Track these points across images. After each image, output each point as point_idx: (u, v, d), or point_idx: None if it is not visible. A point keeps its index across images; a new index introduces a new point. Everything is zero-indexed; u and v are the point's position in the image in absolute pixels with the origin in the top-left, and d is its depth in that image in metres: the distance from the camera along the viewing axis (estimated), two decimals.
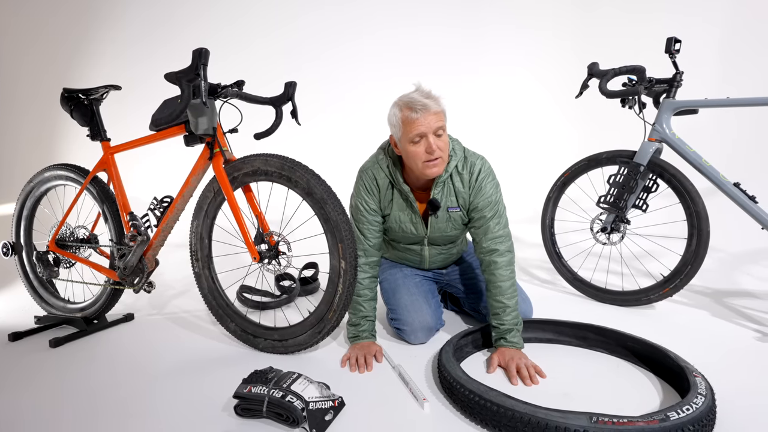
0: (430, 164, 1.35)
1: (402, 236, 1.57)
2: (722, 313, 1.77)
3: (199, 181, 1.54)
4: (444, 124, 1.36)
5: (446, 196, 1.46)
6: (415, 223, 1.52)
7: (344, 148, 3.56)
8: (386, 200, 1.50)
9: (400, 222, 1.52)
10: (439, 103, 1.36)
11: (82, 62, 3.87)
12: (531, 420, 0.94)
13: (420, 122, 1.31)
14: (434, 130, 1.33)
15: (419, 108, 1.31)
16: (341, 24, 3.69)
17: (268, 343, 1.48)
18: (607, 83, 1.80)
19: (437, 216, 1.48)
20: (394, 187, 1.49)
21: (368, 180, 1.50)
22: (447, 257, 1.69)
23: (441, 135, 1.35)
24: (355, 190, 1.53)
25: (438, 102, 1.36)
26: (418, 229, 1.53)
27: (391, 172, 1.47)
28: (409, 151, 1.36)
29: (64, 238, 1.79)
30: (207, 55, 1.28)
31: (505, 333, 1.37)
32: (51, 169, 1.79)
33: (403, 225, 1.52)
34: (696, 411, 0.94)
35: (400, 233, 1.55)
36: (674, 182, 1.75)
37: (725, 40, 3.01)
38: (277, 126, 1.50)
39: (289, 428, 1.05)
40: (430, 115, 1.32)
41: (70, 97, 1.67)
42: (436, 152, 1.33)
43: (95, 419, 1.12)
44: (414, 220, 1.51)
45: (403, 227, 1.52)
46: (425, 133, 1.32)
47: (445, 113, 1.38)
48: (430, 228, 1.52)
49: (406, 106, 1.34)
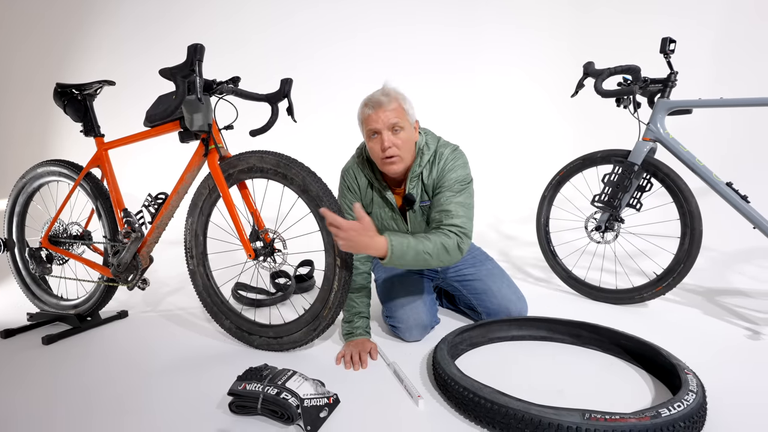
0: (387, 161, 1.37)
1: (384, 229, 1.58)
2: (714, 312, 1.78)
3: (194, 177, 1.54)
4: (402, 121, 1.35)
5: (421, 192, 1.47)
6: (395, 219, 1.53)
7: (339, 146, 3.56)
8: (367, 199, 1.53)
9: (382, 219, 1.54)
10: (398, 100, 1.36)
11: (76, 57, 3.83)
12: (524, 417, 0.95)
13: (372, 118, 1.34)
14: (389, 127, 1.34)
15: (374, 104, 1.34)
16: (336, 22, 3.69)
17: (263, 341, 1.47)
18: (603, 83, 1.81)
19: (414, 210, 1.50)
20: (372, 187, 1.52)
21: (350, 179, 1.54)
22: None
23: (399, 131, 1.35)
24: (339, 192, 1.57)
25: (398, 99, 1.36)
26: (399, 225, 1.54)
27: (366, 170, 1.49)
28: (369, 147, 1.41)
29: (57, 235, 1.77)
30: (202, 50, 1.28)
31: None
32: (44, 165, 1.77)
33: (385, 222, 1.54)
34: (687, 408, 0.95)
35: (382, 227, 1.56)
36: (668, 181, 1.76)
37: (719, 42, 3.03)
38: (273, 123, 1.49)
39: (283, 425, 1.05)
40: (384, 111, 1.33)
41: (64, 92, 1.66)
42: (390, 150, 1.34)
43: (89, 417, 1.11)
44: (394, 217, 1.53)
45: (385, 224, 1.55)
46: (379, 130, 1.35)
47: (406, 110, 1.37)
48: (410, 223, 1.53)
49: (364, 104, 1.38)
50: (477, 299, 1.64)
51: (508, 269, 2.46)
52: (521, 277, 2.34)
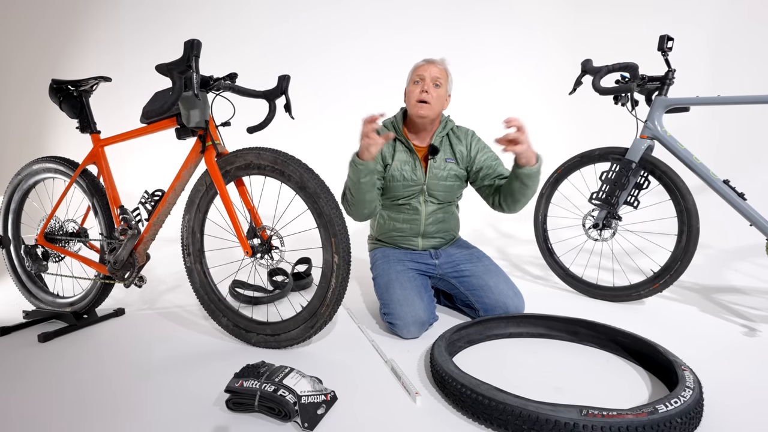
0: (420, 105, 1.60)
1: (402, 184, 1.68)
2: (710, 309, 1.79)
3: (190, 174, 1.53)
4: (443, 80, 1.64)
5: (444, 147, 1.71)
6: (414, 170, 1.68)
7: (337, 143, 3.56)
8: (389, 153, 1.69)
9: (402, 170, 1.68)
10: (446, 68, 1.67)
11: (73, 55, 3.81)
12: (522, 413, 0.95)
13: (423, 67, 1.64)
14: (432, 79, 1.61)
15: (428, 60, 1.66)
16: (334, 25, 3.69)
17: (261, 338, 1.47)
18: (601, 80, 1.81)
19: (436, 160, 1.68)
20: (396, 140, 1.71)
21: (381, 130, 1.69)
22: (442, 224, 1.76)
23: (439, 87, 1.62)
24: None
25: (446, 67, 1.67)
26: (417, 174, 1.68)
27: (395, 126, 1.71)
28: (408, 90, 1.67)
29: (53, 232, 1.76)
30: (199, 46, 1.27)
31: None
32: (39, 161, 1.76)
33: (404, 172, 1.68)
34: (684, 404, 0.96)
35: (401, 180, 1.68)
36: (665, 179, 1.76)
37: (716, 40, 3.04)
38: (270, 120, 1.48)
39: (281, 422, 1.05)
40: (434, 66, 1.63)
41: (59, 89, 1.64)
42: (426, 95, 1.59)
43: (86, 414, 1.11)
44: (414, 167, 1.68)
45: (404, 174, 1.68)
46: (424, 77, 1.62)
47: (448, 76, 1.67)
48: (429, 173, 1.68)
49: (420, 59, 1.68)
50: (474, 295, 1.64)
51: (506, 267, 2.47)
52: (519, 274, 2.34)
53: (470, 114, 3.57)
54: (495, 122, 3.81)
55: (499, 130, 1.84)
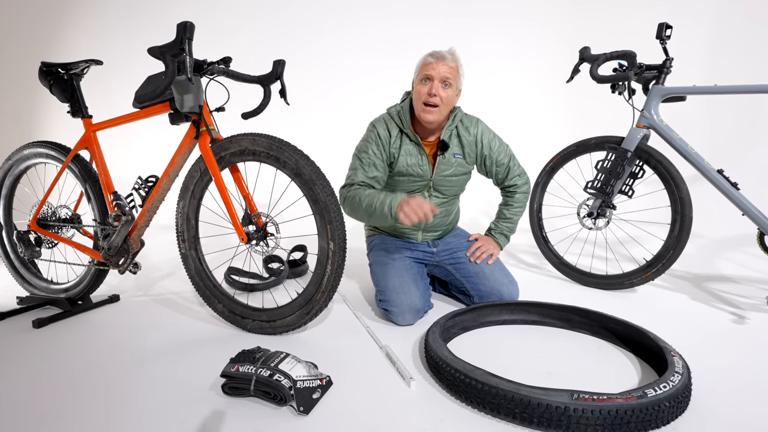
0: (427, 108, 1.51)
1: (407, 179, 1.63)
2: (701, 297, 1.82)
3: (185, 160, 1.51)
4: (453, 80, 1.51)
5: (452, 140, 1.63)
6: (421, 165, 1.61)
7: (334, 130, 3.53)
8: (395, 146, 1.61)
9: (408, 165, 1.61)
10: (458, 63, 1.53)
11: (63, 38, 3.73)
12: (514, 397, 0.96)
13: (432, 66, 1.50)
14: (441, 78, 1.49)
15: (437, 56, 1.51)
16: (328, 12, 3.64)
17: (256, 324, 1.48)
18: (598, 68, 1.80)
19: (445, 156, 1.61)
20: (403, 133, 1.61)
21: (380, 128, 1.61)
22: (444, 218, 1.74)
23: (448, 87, 1.51)
24: (364, 141, 1.62)
25: (457, 62, 1.53)
26: (424, 170, 1.62)
27: (401, 117, 1.60)
28: (415, 89, 1.55)
29: (45, 218, 1.75)
30: (192, 28, 1.24)
31: (494, 230, 1.76)
32: (30, 146, 1.73)
33: (411, 168, 1.61)
34: (672, 388, 0.98)
35: (407, 176, 1.62)
36: (660, 168, 1.77)
37: (713, 30, 3.03)
38: (266, 105, 1.47)
39: (276, 406, 1.06)
40: (443, 64, 1.49)
41: (49, 72, 1.61)
42: (434, 99, 1.49)
43: (80, 400, 1.11)
44: (421, 162, 1.61)
45: (411, 170, 1.61)
46: (432, 77, 1.49)
47: (460, 74, 1.54)
48: (436, 168, 1.62)
49: (428, 53, 1.54)
50: (469, 282, 1.65)
51: (501, 255, 2.48)
52: (513, 263, 2.36)
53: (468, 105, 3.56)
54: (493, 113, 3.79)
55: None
